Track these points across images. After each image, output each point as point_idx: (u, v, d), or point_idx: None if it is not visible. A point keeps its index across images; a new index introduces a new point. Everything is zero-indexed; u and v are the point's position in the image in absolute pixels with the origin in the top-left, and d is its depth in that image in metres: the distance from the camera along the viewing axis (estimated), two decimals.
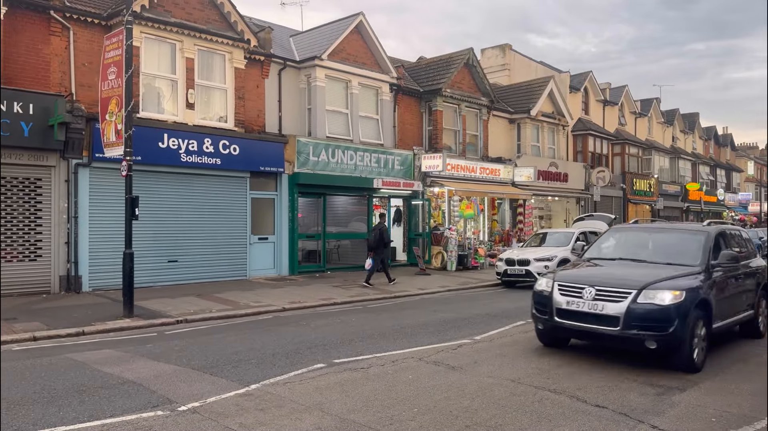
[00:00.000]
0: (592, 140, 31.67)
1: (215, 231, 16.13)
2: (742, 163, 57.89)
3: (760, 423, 5.19)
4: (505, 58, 33.59)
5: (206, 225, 15.96)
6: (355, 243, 20.15)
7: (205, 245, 15.91)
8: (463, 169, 22.77)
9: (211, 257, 16.01)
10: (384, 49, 20.24)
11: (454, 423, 5.18)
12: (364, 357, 7.68)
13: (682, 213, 41.24)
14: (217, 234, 16.16)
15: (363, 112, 19.95)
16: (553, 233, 19.04)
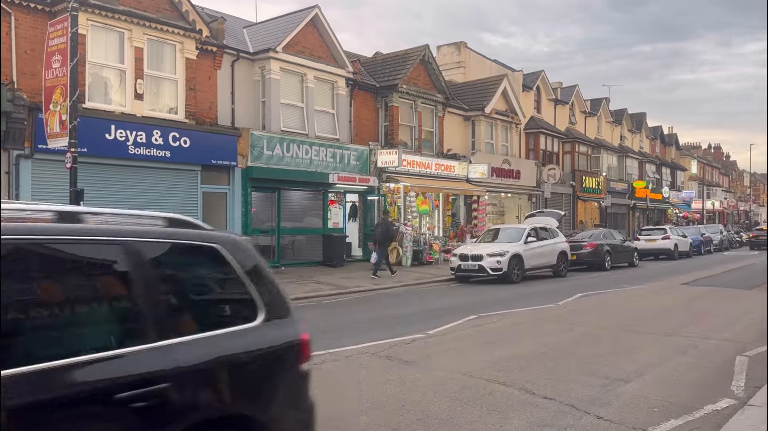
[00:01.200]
0: (544, 138, 32.35)
1: None
2: (686, 162, 60.19)
3: (699, 412, 5.40)
4: (461, 56, 33.91)
5: None
6: (310, 238, 20.02)
7: None
8: (418, 165, 22.89)
9: None
10: (340, 43, 20.14)
11: (406, 417, 5.21)
12: (318, 353, 7.61)
13: (629, 210, 42.62)
14: None
15: (319, 106, 19.81)
16: (506, 229, 19.37)
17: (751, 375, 6.63)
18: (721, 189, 72.77)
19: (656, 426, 5.01)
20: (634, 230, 38.71)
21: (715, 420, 5.15)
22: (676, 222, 45.91)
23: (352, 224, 21.58)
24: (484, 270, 16.51)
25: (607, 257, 21.32)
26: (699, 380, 6.50)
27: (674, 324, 9.82)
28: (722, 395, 5.92)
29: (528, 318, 10.50)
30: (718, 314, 10.98)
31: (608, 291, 14.64)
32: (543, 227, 19.16)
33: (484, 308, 11.57)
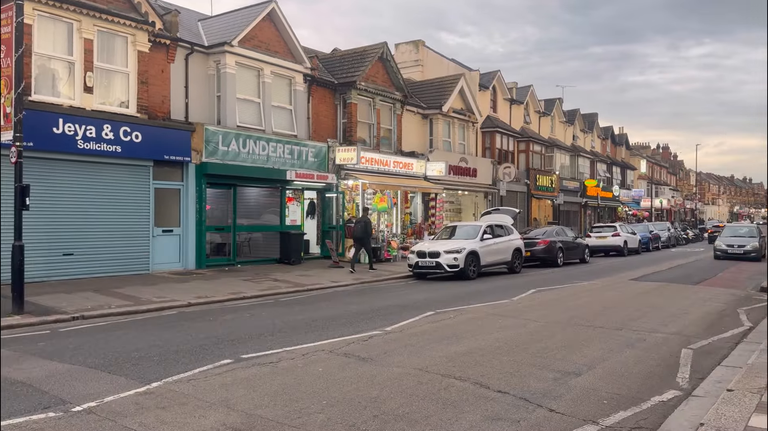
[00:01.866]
0: (500, 137, 32.85)
1: (115, 223, 15.31)
2: (635, 161, 62.11)
3: (646, 404, 5.59)
4: (419, 54, 34.10)
5: (105, 217, 15.11)
6: (267, 236, 19.79)
7: (103, 237, 15.06)
8: (377, 163, 22.92)
9: (110, 250, 15.18)
10: (297, 39, 19.96)
11: (362, 414, 5.21)
12: (274, 352, 7.57)
13: (580, 208, 43.71)
14: (117, 226, 15.34)
15: (276, 101, 19.59)
16: (463, 226, 19.59)
17: (695, 367, 6.90)
18: (669, 188, 75.45)
19: (606, 418, 5.16)
20: (586, 227, 39.74)
21: (661, 411, 5.34)
22: (626, 220, 47.35)
23: (310, 221, 21.45)
24: (441, 267, 16.66)
25: (560, 254, 21.81)
26: (646, 372, 6.72)
27: (623, 319, 10.13)
28: (668, 386, 6.14)
29: (483, 313, 10.65)
30: (665, 308, 11.37)
31: (561, 287, 14.98)
32: (498, 224, 19.46)
33: (440, 304, 11.69)
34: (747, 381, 5.77)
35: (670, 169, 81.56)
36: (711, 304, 11.99)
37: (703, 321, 10.01)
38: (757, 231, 26.07)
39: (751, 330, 9.06)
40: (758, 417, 4.71)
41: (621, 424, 5.02)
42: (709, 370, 6.68)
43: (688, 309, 11.34)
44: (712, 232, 42.17)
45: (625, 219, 48.45)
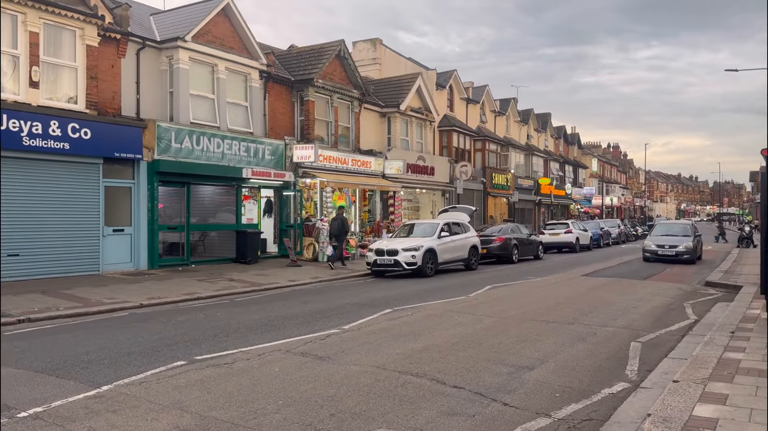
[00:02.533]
0: (457, 136, 33.20)
1: (63, 223, 14.81)
2: (587, 160, 63.74)
3: (597, 396, 5.74)
4: (376, 53, 34.13)
5: (53, 216, 14.60)
6: (223, 235, 19.48)
7: (51, 237, 14.55)
8: (335, 161, 22.84)
9: (58, 250, 14.68)
10: (253, 35, 19.71)
11: (319, 413, 5.19)
12: (229, 352, 7.46)
13: (535, 205, 44.60)
14: (65, 226, 14.84)
15: (231, 98, 19.29)
16: (421, 224, 19.72)
17: (643, 360, 7.13)
18: (619, 186, 77.75)
19: (558, 411, 5.28)
20: (540, 225, 40.57)
21: (611, 403, 5.50)
22: (577, 217, 48.57)
23: (267, 220, 21.21)
24: (400, 265, 16.73)
25: (515, 250, 22.21)
26: (597, 365, 6.91)
27: (575, 313, 10.39)
28: (618, 379, 6.33)
29: (441, 310, 10.75)
30: (615, 303, 11.72)
31: (515, 283, 15.26)
32: (455, 222, 19.67)
33: (398, 302, 11.74)
34: (692, 372, 6.00)
35: (621, 167, 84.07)
36: (659, 299, 12.41)
37: (651, 315, 10.35)
38: (692, 230, 23.15)
39: (696, 323, 9.42)
40: (702, 407, 4.90)
41: (573, 416, 5.15)
42: (657, 362, 6.91)
43: (636, 303, 11.71)
44: None
45: (577, 217, 49.68)
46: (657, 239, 22.39)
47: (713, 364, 6.27)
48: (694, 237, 22.40)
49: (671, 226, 24.45)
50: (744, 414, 4.70)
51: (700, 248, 23.15)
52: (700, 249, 23.36)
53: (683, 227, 23.79)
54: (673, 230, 23.35)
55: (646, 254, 21.98)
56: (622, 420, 4.90)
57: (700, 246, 23.52)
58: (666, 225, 25.38)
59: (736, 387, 5.43)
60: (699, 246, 23.08)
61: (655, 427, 4.46)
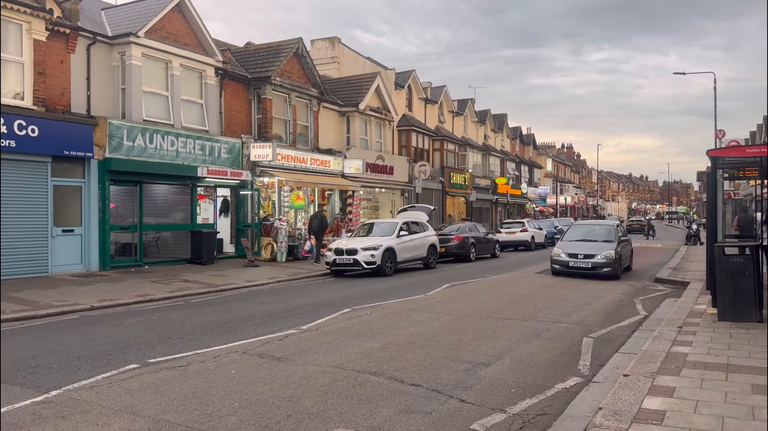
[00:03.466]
0: (416, 136, 33.39)
1: (9, 223, 14.23)
2: (542, 160, 65.04)
3: (550, 391, 5.87)
4: (335, 51, 34.01)
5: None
6: (177, 235, 19.07)
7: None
8: (293, 160, 22.65)
9: (4, 252, 14.10)
10: (208, 31, 19.36)
11: (276, 414, 5.15)
12: (184, 355, 7.32)
13: (492, 205, 45.26)
14: (11, 226, 14.27)
15: (185, 95, 18.91)
16: (380, 223, 19.76)
17: (595, 355, 7.33)
18: (573, 185, 79.62)
19: (513, 406, 5.37)
20: (497, 223, 41.19)
21: (564, 397, 5.63)
22: (533, 216, 49.52)
23: (223, 219, 20.87)
24: (359, 264, 16.73)
25: (473, 249, 22.49)
26: (551, 361, 7.06)
27: (530, 310, 10.59)
28: (571, 374, 6.48)
29: (400, 309, 10.80)
30: (568, 300, 11.99)
31: (473, 281, 15.45)
32: (414, 221, 19.79)
33: (358, 301, 11.74)
34: (641, 366, 6.19)
35: (574, 167, 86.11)
36: (610, 295, 12.76)
37: (602, 311, 10.64)
38: (616, 233, 17.35)
39: (646, 319, 9.73)
40: (651, 400, 5.06)
41: (527, 411, 5.25)
42: (608, 357, 7.11)
43: (589, 300, 12.01)
44: (628, 225, 42.39)
45: (533, 216, 50.65)
46: (570, 246, 16.92)
47: (661, 358, 6.48)
48: (619, 243, 16.79)
49: (590, 229, 18.35)
50: (690, 406, 4.88)
51: (628, 257, 18.11)
52: (629, 259, 18.34)
53: (606, 230, 17.82)
54: (592, 233, 17.68)
55: (554, 266, 16.69)
56: (575, 414, 5.02)
57: (629, 255, 18.42)
58: (583, 227, 19.02)
59: (683, 380, 5.63)
60: (627, 255, 17.90)
61: (606, 420, 4.58)
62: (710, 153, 10.09)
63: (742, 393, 5.16)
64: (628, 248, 18.30)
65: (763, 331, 7.74)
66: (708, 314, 9.14)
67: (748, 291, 8.39)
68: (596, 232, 17.77)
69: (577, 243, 17.10)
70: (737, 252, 8.49)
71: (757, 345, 6.98)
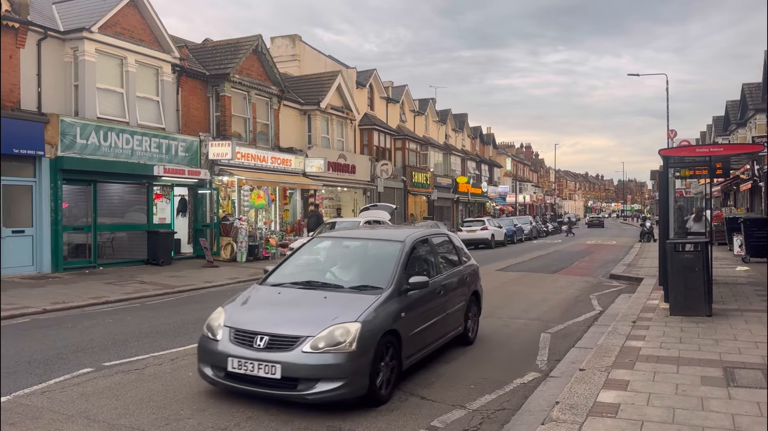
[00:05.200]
0: (377, 135, 33.43)
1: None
2: (502, 159, 65.97)
3: (509, 386, 5.96)
4: (295, 49, 33.75)
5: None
6: (133, 235, 18.62)
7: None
8: (253, 158, 22.39)
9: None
10: (165, 27, 18.95)
11: (235, 416, 5.08)
12: (140, 358, 7.15)
13: (453, 203, 45.69)
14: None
15: (141, 92, 18.47)
16: (342, 222, 19.69)
17: (552, 350, 7.48)
18: (531, 184, 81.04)
19: (473, 402, 5.44)
20: (458, 222, 41.62)
21: (522, 392, 5.73)
22: (493, 215, 50.23)
23: (181, 219, 20.47)
24: None
25: None
26: (510, 357, 7.17)
27: (490, 307, 10.70)
28: (529, 369, 6.60)
29: None
30: (527, 296, 12.21)
31: None
32: (377, 220, 19.80)
33: None
34: (596, 360, 6.35)
35: (533, 166, 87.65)
36: (567, 291, 13.04)
37: (560, 307, 10.86)
38: (396, 266, 6.17)
39: (602, 314, 9.98)
40: (606, 393, 5.20)
41: (486, 407, 5.32)
42: (565, 352, 7.26)
43: (547, 296, 12.25)
44: (589, 221, 44.02)
45: (493, 214, 51.37)
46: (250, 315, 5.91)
47: (616, 352, 6.66)
48: (398, 268, 6.20)
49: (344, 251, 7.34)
50: (643, 399, 5.02)
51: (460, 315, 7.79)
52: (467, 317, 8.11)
53: (378, 260, 6.72)
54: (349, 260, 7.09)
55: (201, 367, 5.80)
56: (533, 408, 5.12)
57: (464, 307, 7.93)
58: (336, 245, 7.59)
59: (636, 374, 5.80)
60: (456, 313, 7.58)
61: (563, 414, 4.68)
62: (662, 152, 10.41)
63: (692, 385, 5.34)
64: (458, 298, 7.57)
65: (712, 325, 8.03)
66: (660, 309, 9.44)
67: (699, 287, 8.69)
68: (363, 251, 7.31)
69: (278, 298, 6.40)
70: (689, 249, 8.77)
71: (706, 338, 7.24)
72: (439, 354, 7.22)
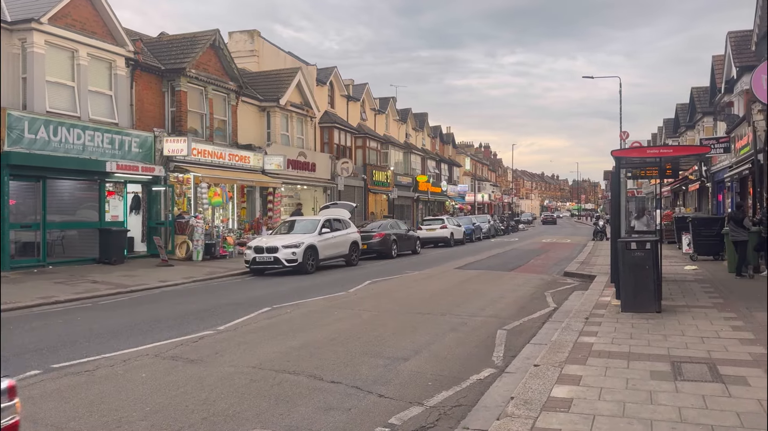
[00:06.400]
0: (338, 133, 33.31)
1: None
2: (461, 159, 66.65)
3: (466, 383, 6.03)
4: (254, 44, 33.32)
5: None
6: (84, 233, 18.06)
7: None
8: (210, 155, 22.01)
9: None
10: (119, 20, 18.45)
11: (190, 417, 4.98)
12: (90, 359, 6.94)
13: (413, 202, 45.94)
14: None
15: (93, 86, 17.93)
16: (301, 220, 19.57)
17: (508, 346, 7.59)
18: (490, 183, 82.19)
19: (430, 399, 5.47)
20: (418, 220, 41.86)
21: (479, 389, 5.79)
22: (452, 213, 50.73)
23: (134, 217, 19.96)
24: (280, 262, 16.50)
25: (394, 246, 22.73)
26: (467, 353, 7.25)
27: (448, 305, 10.83)
28: (485, 365, 6.68)
29: (320, 306, 10.74)
30: (484, 294, 12.37)
31: (394, 277, 15.61)
32: (336, 218, 19.74)
33: (278, 300, 11.57)
34: (550, 356, 6.47)
35: (491, 166, 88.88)
36: (523, 289, 13.27)
37: (516, 304, 11.04)
38: None
39: (556, 311, 10.18)
40: (559, 388, 5.30)
41: (443, 403, 5.36)
42: (520, 348, 7.39)
43: (504, 293, 12.44)
44: (544, 218, 45.81)
45: (452, 213, 51.86)
46: None
47: (569, 348, 6.81)
48: None
49: None
50: (594, 393, 5.15)
51: None
52: None
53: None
54: None
55: None
56: (489, 404, 5.18)
57: None
58: None
59: (588, 369, 5.94)
60: None
61: (518, 409, 4.76)
62: (614, 153, 10.69)
63: (642, 380, 5.50)
64: None
65: (661, 321, 8.30)
66: (612, 305, 9.69)
67: (649, 284, 8.95)
68: None
69: None
70: (639, 247, 9.03)
71: (655, 334, 7.47)
72: (398, 350, 7.25)
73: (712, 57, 26.18)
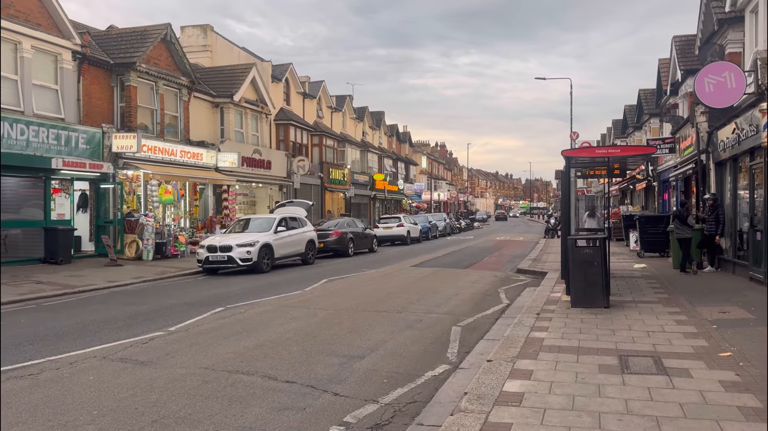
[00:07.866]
0: (294, 130, 33.03)
1: None
2: (417, 158, 67.07)
3: (421, 379, 6.07)
4: (207, 39, 32.68)
5: None
6: (28, 232, 17.37)
7: None
8: (161, 152, 21.50)
9: None
10: (65, 11, 17.82)
11: (140, 420, 4.86)
12: (35, 362, 6.69)
13: (370, 200, 45.99)
14: None
15: (38, 80, 17.27)
16: (256, 219, 19.33)
17: (463, 342, 7.68)
18: (446, 182, 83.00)
19: (385, 396, 5.49)
20: (374, 219, 41.91)
21: (433, 385, 5.85)
22: (409, 212, 51.01)
23: (82, 215, 19.32)
24: (234, 261, 16.25)
25: (351, 244, 22.70)
26: (422, 350, 7.31)
27: (404, 302, 10.89)
28: (440, 362, 6.75)
29: (276, 306, 10.64)
30: (440, 291, 12.48)
31: (350, 276, 15.60)
32: (292, 217, 19.57)
33: (232, 299, 11.40)
34: (503, 351, 6.59)
35: (447, 165, 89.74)
36: (478, 285, 13.46)
37: (470, 301, 11.19)
38: None
39: (509, 307, 10.37)
40: (511, 383, 5.40)
41: (398, 400, 5.39)
42: (474, 344, 7.49)
43: (459, 290, 12.59)
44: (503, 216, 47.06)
45: (409, 211, 52.16)
46: None
47: (521, 343, 6.94)
48: None
49: None
50: (545, 387, 5.26)
51: None
52: None
53: None
54: None
55: None
56: (443, 400, 5.24)
57: None
58: None
59: (539, 363, 6.07)
60: None
61: (471, 404, 4.82)
62: (564, 153, 10.95)
63: (591, 373, 5.66)
64: None
65: (609, 316, 8.56)
66: (563, 301, 9.93)
67: (597, 280, 9.21)
68: None
69: None
70: (588, 244, 9.28)
71: (604, 328, 7.69)
72: (354, 349, 7.25)
73: (658, 60, 27.07)
